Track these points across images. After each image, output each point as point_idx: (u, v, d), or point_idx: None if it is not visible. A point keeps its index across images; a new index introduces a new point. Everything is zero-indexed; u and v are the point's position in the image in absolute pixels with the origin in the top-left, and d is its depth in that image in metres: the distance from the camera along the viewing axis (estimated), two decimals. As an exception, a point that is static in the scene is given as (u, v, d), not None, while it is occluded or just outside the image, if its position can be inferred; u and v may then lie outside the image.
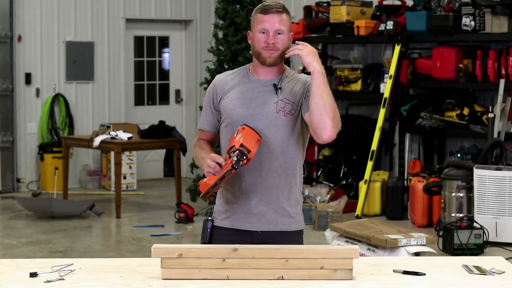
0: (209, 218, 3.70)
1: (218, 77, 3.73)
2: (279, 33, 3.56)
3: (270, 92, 3.60)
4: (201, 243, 3.64)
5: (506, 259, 3.63)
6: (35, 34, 11.11)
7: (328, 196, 9.31)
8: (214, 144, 3.75)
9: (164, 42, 12.45)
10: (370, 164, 9.21)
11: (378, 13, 9.88)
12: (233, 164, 3.37)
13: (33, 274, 3.23)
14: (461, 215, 8.07)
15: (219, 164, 3.44)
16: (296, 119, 3.58)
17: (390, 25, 9.44)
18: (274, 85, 3.60)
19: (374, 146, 9.26)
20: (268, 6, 3.59)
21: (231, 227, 3.62)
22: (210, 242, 3.62)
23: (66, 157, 9.98)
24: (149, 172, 12.01)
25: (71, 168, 10.76)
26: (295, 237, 3.63)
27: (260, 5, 3.63)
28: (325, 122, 3.41)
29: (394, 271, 3.30)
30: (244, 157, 3.38)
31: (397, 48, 9.31)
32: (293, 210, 3.64)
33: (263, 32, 3.56)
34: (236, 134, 3.47)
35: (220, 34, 9.74)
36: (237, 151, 3.38)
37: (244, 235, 3.59)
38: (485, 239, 7.61)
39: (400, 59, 9.31)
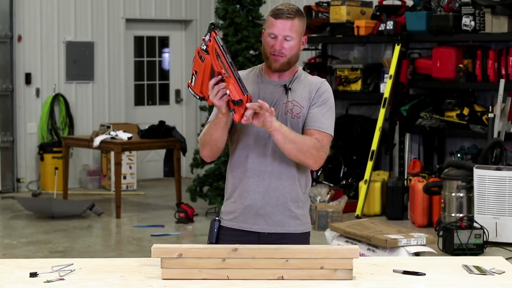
0: (216, 218, 3.69)
1: None
2: (287, 39, 3.53)
3: (280, 93, 3.59)
4: (208, 243, 3.63)
5: (506, 259, 3.63)
6: (35, 34, 11.11)
7: (328, 196, 9.30)
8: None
9: (164, 42, 12.45)
10: (370, 164, 9.20)
11: (378, 13, 9.88)
12: (215, 40, 3.38)
13: (33, 274, 3.22)
14: (461, 215, 8.07)
15: (219, 80, 3.40)
16: (303, 123, 3.57)
17: (390, 25, 9.44)
18: (285, 85, 3.59)
19: (374, 146, 9.25)
20: (280, 10, 3.54)
21: (238, 228, 3.61)
22: (217, 242, 3.62)
23: (66, 157, 9.98)
24: (149, 172, 12.01)
25: (71, 168, 10.76)
26: (301, 239, 3.62)
27: (275, 6, 3.60)
28: (307, 162, 3.53)
29: (394, 271, 3.30)
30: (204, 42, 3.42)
31: (397, 48, 9.31)
32: (300, 212, 3.62)
33: (272, 37, 3.55)
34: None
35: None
36: (201, 50, 3.46)
37: (251, 236, 3.58)
38: (485, 239, 7.60)
39: (400, 59, 9.30)
